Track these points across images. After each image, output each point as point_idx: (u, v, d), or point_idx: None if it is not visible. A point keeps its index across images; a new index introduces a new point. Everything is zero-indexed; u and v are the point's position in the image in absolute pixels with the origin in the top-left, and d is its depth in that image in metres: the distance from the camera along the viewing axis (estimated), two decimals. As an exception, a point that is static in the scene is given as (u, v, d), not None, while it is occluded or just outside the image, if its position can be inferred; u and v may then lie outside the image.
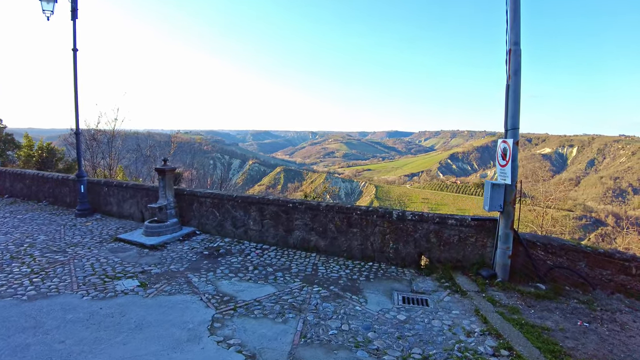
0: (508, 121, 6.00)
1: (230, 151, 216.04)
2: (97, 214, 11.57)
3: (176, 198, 9.48)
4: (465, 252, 6.63)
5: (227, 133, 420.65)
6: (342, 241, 7.45)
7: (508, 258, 6.16)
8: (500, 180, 6.14)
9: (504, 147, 6.04)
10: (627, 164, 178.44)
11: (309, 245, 7.79)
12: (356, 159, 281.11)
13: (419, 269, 6.84)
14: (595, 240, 63.48)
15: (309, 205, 7.69)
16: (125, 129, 22.87)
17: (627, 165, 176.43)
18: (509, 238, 6.12)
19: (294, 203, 7.86)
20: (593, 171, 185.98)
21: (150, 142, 21.38)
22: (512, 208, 6.09)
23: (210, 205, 9.03)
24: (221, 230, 8.93)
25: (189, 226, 9.45)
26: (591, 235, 67.50)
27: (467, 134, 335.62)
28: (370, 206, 7.27)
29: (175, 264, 7.12)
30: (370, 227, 7.19)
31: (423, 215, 6.77)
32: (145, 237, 8.65)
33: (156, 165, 9.75)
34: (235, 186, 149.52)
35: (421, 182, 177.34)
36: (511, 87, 5.96)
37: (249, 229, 8.48)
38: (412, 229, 6.86)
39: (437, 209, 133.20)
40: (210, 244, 8.39)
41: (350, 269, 6.84)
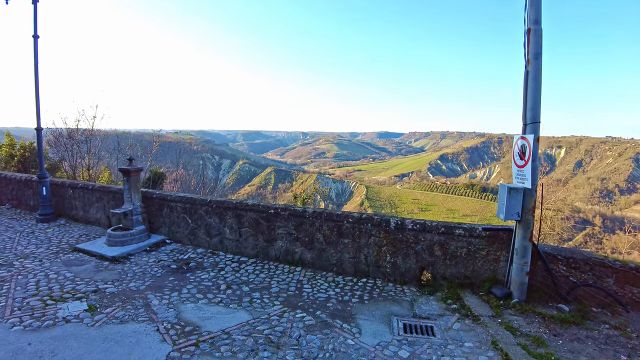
0: (527, 114, 5.07)
1: (221, 151, 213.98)
2: (62, 219, 10.45)
3: (144, 202, 8.41)
4: (475, 267, 5.69)
5: (217, 133, 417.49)
6: (332, 253, 6.46)
7: (526, 275, 5.23)
8: (518, 183, 5.21)
9: (522, 145, 5.11)
10: (613, 165, 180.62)
11: (294, 258, 6.79)
12: (347, 160, 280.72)
13: (420, 287, 5.88)
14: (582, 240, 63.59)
15: (293, 211, 6.70)
16: (114, 129, 21.64)
17: (614, 166, 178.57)
18: (527, 251, 5.19)
19: (276, 209, 6.87)
20: (581, 172, 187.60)
21: (132, 140, 20.09)
22: (532, 216, 5.16)
23: (182, 210, 7.98)
24: (194, 239, 7.90)
25: (159, 234, 8.38)
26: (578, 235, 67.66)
27: (457, 135, 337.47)
28: (364, 213, 6.28)
29: (136, 281, 6.07)
30: (364, 238, 6.21)
31: (426, 225, 5.79)
32: (108, 247, 7.58)
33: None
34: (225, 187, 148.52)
35: (411, 182, 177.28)
36: (531, 73, 5.03)
37: (225, 238, 7.49)
38: (413, 240, 5.88)
39: (427, 209, 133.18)
40: (181, 255, 7.33)
41: (340, 288, 5.84)
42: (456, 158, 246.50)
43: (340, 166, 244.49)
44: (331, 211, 6.37)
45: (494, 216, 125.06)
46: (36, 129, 10.13)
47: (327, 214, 6.41)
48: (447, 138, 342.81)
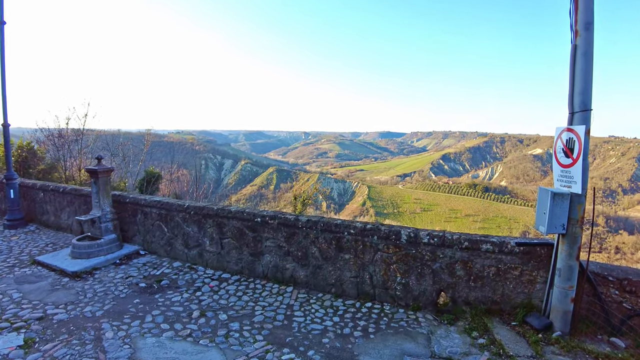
0: (575, 99, 4.01)
1: (223, 151, 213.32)
2: (33, 224, 9.45)
3: (116, 207, 7.37)
4: (505, 290, 4.62)
5: (219, 133, 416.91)
6: (330, 271, 5.37)
7: (571, 302, 4.17)
8: (562, 187, 4.14)
9: (568, 138, 4.04)
10: (616, 164, 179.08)
11: (284, 276, 5.72)
12: (349, 160, 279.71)
13: (438, 313, 4.80)
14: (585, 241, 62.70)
15: (283, 220, 5.66)
16: (117, 129, 20.77)
17: (617, 166, 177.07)
18: (573, 273, 4.13)
19: (263, 217, 5.82)
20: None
21: (122, 139, 19.15)
22: (580, 229, 4.10)
23: (157, 217, 6.95)
24: (170, 250, 6.89)
25: (133, 244, 7.34)
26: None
27: (459, 135, 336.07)
28: (369, 223, 5.29)
29: (95, 304, 5.03)
30: (369, 253, 5.12)
31: (445, 238, 4.71)
32: (71, 259, 6.55)
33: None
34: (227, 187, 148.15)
35: (413, 182, 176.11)
36: (580, 48, 3.97)
37: (204, 250, 6.45)
38: (430, 256, 4.79)
39: (429, 209, 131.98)
40: (154, 270, 6.28)
41: (340, 316, 4.75)
42: (458, 158, 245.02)
43: (342, 166, 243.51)
44: (329, 220, 5.40)
45: (496, 216, 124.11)
46: (2, 125, 9.12)
47: (324, 224, 5.38)
48: (449, 138, 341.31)
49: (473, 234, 4.81)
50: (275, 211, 6.11)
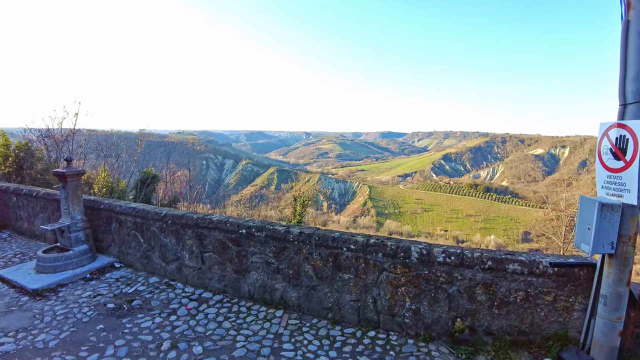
0: (627, 87, 3.24)
1: (223, 151, 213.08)
2: (6, 231, 8.74)
3: (90, 214, 6.63)
4: (536, 318, 3.86)
5: (220, 133, 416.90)
6: (326, 293, 4.66)
7: (618, 336, 3.42)
8: (611, 196, 3.38)
9: (619, 136, 3.27)
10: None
11: (273, 297, 5.00)
12: (350, 160, 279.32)
13: (454, 345, 4.04)
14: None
15: (271, 232, 4.90)
16: (117, 129, 20.17)
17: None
18: (622, 302, 3.37)
19: (248, 228, 5.05)
20: (585, 172, 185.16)
21: (115, 139, 18.46)
22: (632, 247, 3.34)
23: (133, 226, 6.20)
24: (147, 264, 6.13)
25: (108, 255, 6.59)
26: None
27: (460, 135, 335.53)
28: (372, 237, 4.47)
29: (50, 331, 4.28)
30: (372, 273, 4.40)
31: (464, 256, 3.92)
32: (35, 273, 5.80)
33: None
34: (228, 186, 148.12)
35: (414, 182, 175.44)
36: (633, 24, 3.21)
37: (183, 265, 5.71)
38: (446, 278, 3.99)
39: (430, 209, 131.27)
40: (126, 287, 5.51)
41: (337, 349, 3.93)
42: (459, 158, 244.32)
43: (343, 166, 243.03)
44: (325, 233, 4.64)
45: (498, 216, 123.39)
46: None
47: (319, 237, 4.61)
48: (450, 138, 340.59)
49: (496, 250, 4.05)
50: (263, 221, 5.35)
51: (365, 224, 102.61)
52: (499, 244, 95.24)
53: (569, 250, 27.80)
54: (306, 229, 4.90)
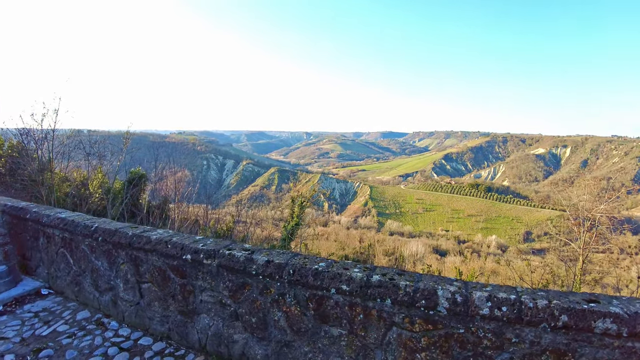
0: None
1: (224, 152, 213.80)
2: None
3: (14, 226, 5.62)
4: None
5: (221, 133, 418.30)
6: (305, 353, 3.40)
7: None
8: None
9: None
10: (619, 164, 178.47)
11: (231, 352, 3.77)
12: (351, 160, 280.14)
13: None
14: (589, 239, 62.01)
15: (226, 260, 3.61)
16: (118, 129, 20.12)
17: (620, 165, 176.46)
18: None
19: (195, 253, 3.77)
20: (587, 171, 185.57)
21: (99, 138, 18.06)
22: None
23: (61, 242, 5.07)
24: (79, 291, 4.95)
25: (36, 278, 5.46)
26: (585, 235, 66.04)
27: (461, 135, 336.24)
28: (375, 270, 3.17)
29: None
30: (375, 328, 3.06)
31: (522, 307, 2.64)
32: None
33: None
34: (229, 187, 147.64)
35: (416, 182, 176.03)
36: None
37: (118, 297, 4.54)
38: (492, 341, 2.74)
39: (431, 209, 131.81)
40: (43, 327, 4.30)
41: None
42: (460, 158, 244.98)
43: (344, 166, 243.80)
44: (303, 264, 3.31)
45: (499, 216, 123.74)
46: None
47: (295, 271, 3.26)
48: (451, 137, 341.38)
49: (572, 292, 2.75)
50: (217, 241, 3.97)
51: (366, 224, 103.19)
52: (501, 243, 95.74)
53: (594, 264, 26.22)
54: (278, 255, 3.53)
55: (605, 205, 11.80)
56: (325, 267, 3.22)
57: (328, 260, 3.36)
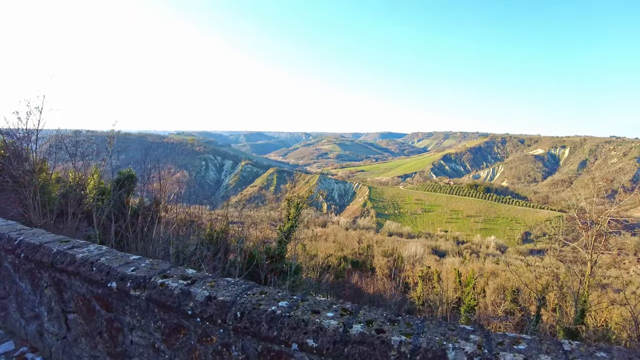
0: None
1: (223, 152, 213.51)
2: None
3: None
4: None
5: (219, 134, 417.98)
6: None
7: None
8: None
9: None
10: (618, 164, 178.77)
11: None
12: (349, 160, 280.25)
13: None
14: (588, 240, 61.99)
15: (157, 293, 2.64)
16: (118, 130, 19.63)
17: (619, 166, 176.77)
18: None
19: (121, 280, 2.83)
20: (585, 172, 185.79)
21: (84, 137, 17.56)
22: None
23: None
24: (5, 317, 4.16)
25: None
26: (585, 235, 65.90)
27: (460, 135, 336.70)
28: (358, 317, 2.14)
29: None
30: None
31: None
32: None
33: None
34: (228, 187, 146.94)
35: (414, 183, 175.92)
36: None
37: (44, 327, 3.67)
38: None
39: (430, 209, 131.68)
40: None
41: None
42: (459, 158, 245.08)
43: (343, 167, 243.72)
44: (257, 303, 2.35)
45: (498, 217, 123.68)
46: None
47: (244, 315, 2.29)
48: (450, 138, 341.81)
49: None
50: (155, 265, 3.00)
51: (365, 225, 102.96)
52: (500, 244, 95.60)
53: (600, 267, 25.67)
54: (226, 287, 2.57)
55: (616, 207, 11.27)
56: (286, 308, 2.28)
57: (293, 297, 2.43)
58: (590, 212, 11.26)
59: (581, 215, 11.68)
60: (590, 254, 10.62)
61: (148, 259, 3.23)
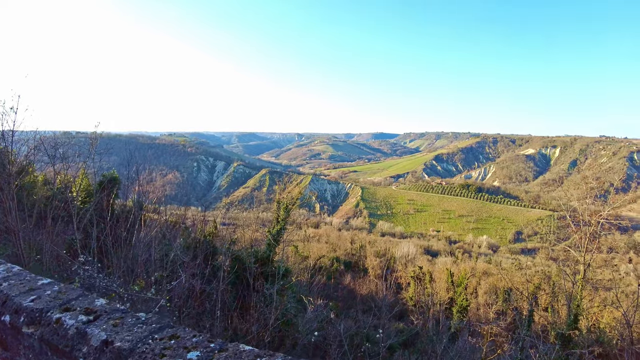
0: None
1: (215, 153, 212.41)
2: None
3: None
4: None
5: (212, 135, 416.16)
6: None
7: None
8: None
9: None
10: (608, 164, 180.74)
11: None
12: (342, 161, 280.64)
13: None
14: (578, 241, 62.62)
15: (50, 333, 2.07)
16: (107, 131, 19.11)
17: (609, 165, 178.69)
18: None
19: (17, 313, 2.28)
20: (576, 171, 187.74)
21: (63, 139, 17.03)
22: None
23: None
24: None
25: None
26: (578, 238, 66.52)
27: (452, 135, 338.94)
28: None
29: None
30: None
31: None
32: None
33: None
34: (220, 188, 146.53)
35: (407, 183, 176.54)
36: None
37: None
38: None
39: (422, 209, 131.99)
40: None
41: None
42: (451, 158, 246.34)
43: (336, 167, 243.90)
44: (165, 355, 1.72)
45: (490, 216, 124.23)
46: None
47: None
48: (442, 138, 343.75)
49: None
50: (62, 293, 2.43)
51: (357, 225, 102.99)
52: (492, 244, 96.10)
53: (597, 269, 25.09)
54: (126, 331, 1.97)
55: (610, 209, 11.19)
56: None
57: (210, 345, 1.83)
58: (583, 214, 11.18)
59: (574, 218, 11.59)
60: (583, 257, 10.55)
61: (59, 285, 2.64)
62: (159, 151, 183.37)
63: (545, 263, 24.15)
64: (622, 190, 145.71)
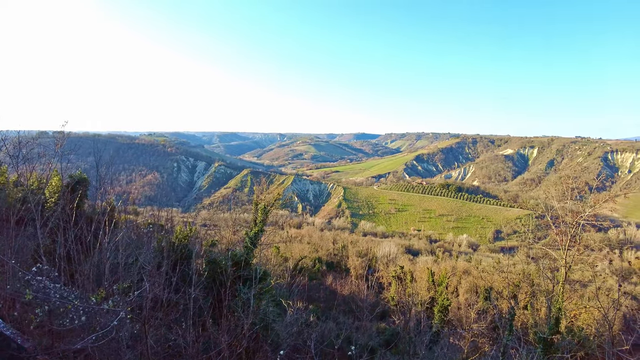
0: None
1: (196, 153, 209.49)
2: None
3: None
4: None
5: (192, 135, 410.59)
6: None
7: None
8: None
9: None
10: (584, 163, 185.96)
11: None
12: (324, 161, 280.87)
13: None
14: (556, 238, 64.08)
15: None
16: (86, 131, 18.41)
17: (584, 165, 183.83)
18: None
19: None
20: (553, 171, 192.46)
21: (22, 138, 16.24)
22: None
23: None
24: None
25: None
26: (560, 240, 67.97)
27: (432, 136, 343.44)
28: None
29: None
30: None
31: None
32: None
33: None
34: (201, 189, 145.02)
35: (388, 183, 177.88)
36: None
37: None
38: None
39: (403, 209, 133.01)
40: None
41: None
42: (431, 158, 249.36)
43: (318, 167, 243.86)
44: None
45: (470, 215, 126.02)
46: None
47: None
48: (422, 139, 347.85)
49: None
50: None
51: (340, 225, 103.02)
52: (472, 242, 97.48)
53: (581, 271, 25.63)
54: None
55: (591, 210, 11.19)
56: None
57: None
58: (564, 215, 11.17)
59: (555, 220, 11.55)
60: (564, 258, 10.52)
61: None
62: (138, 151, 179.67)
63: (524, 260, 24.48)
64: (598, 189, 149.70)
